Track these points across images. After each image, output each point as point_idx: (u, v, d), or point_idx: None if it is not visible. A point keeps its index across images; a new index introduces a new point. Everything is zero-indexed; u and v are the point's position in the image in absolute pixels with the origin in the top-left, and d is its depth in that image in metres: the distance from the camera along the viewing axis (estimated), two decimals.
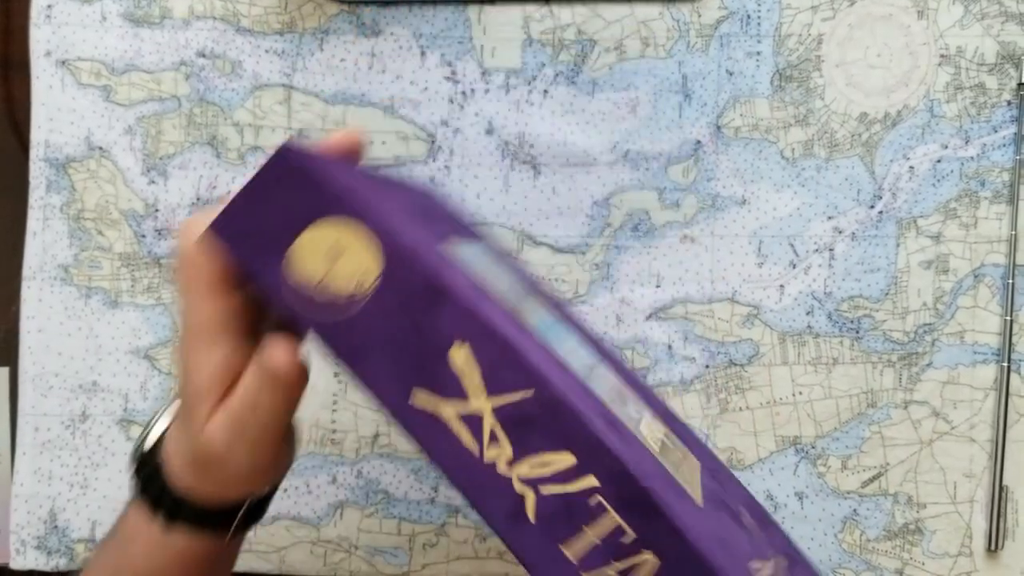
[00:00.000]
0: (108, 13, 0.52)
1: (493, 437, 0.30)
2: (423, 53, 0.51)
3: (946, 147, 0.50)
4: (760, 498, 0.50)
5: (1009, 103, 0.50)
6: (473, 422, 0.30)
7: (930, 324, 0.50)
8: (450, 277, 0.30)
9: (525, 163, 0.51)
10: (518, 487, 0.30)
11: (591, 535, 0.29)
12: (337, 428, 0.52)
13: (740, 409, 0.51)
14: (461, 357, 0.30)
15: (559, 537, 0.29)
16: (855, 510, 0.50)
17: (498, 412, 0.30)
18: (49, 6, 0.52)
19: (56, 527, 0.52)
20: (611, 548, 0.29)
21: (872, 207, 0.50)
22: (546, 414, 0.30)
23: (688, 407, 0.51)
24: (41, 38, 0.52)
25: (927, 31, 0.50)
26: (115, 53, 0.52)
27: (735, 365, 0.51)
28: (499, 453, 0.30)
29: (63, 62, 0.52)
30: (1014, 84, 0.50)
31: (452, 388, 0.30)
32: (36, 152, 0.52)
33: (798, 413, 0.50)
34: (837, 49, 0.50)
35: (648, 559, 0.28)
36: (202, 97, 0.52)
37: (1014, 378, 0.49)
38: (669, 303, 0.51)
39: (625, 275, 0.51)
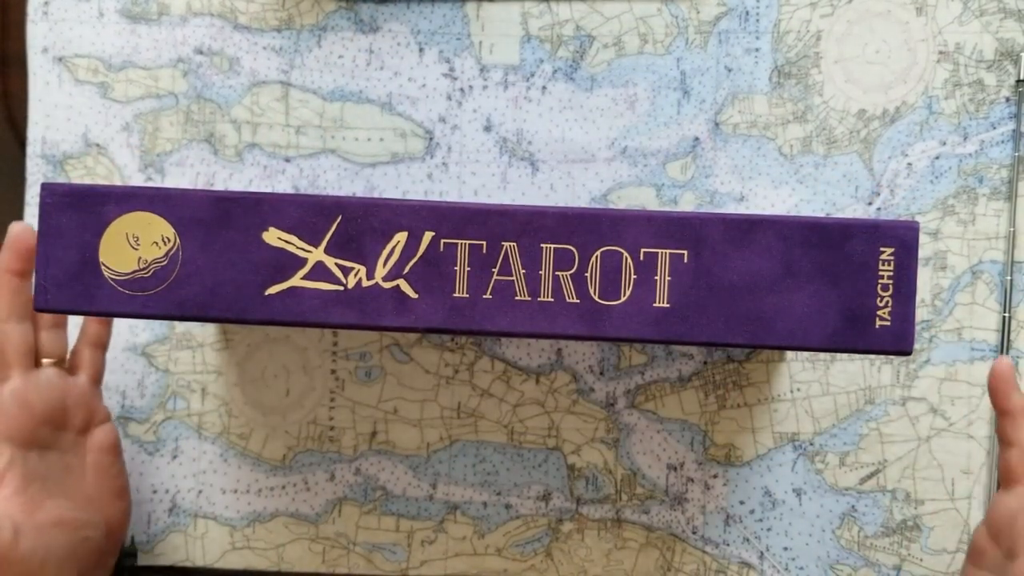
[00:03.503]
0: (105, 9, 0.52)
1: (342, 269, 0.35)
2: (421, 49, 0.51)
3: (944, 144, 0.50)
4: (758, 495, 0.50)
5: (1007, 100, 0.50)
6: (320, 271, 0.35)
7: (928, 321, 0.50)
8: (227, 192, 0.36)
9: (523, 159, 0.51)
10: (389, 285, 0.35)
11: (462, 267, 0.35)
12: (335, 425, 0.52)
13: (738, 406, 0.51)
14: (273, 236, 0.35)
15: (442, 290, 0.35)
16: (853, 506, 0.50)
17: (329, 250, 0.35)
18: (46, 2, 0.52)
19: None
20: (482, 261, 0.35)
21: (870, 204, 0.50)
22: (361, 221, 0.35)
23: (686, 403, 0.51)
24: (38, 34, 0.52)
25: (926, 27, 0.50)
26: (112, 50, 0.52)
27: (733, 361, 0.51)
28: (355, 275, 0.35)
29: (60, 58, 0.52)
30: (1012, 81, 0.50)
31: (287, 261, 0.35)
32: (33, 149, 0.52)
33: (796, 410, 0.50)
34: (836, 45, 0.50)
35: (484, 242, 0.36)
36: (199, 94, 0.52)
37: None
38: None
39: None
